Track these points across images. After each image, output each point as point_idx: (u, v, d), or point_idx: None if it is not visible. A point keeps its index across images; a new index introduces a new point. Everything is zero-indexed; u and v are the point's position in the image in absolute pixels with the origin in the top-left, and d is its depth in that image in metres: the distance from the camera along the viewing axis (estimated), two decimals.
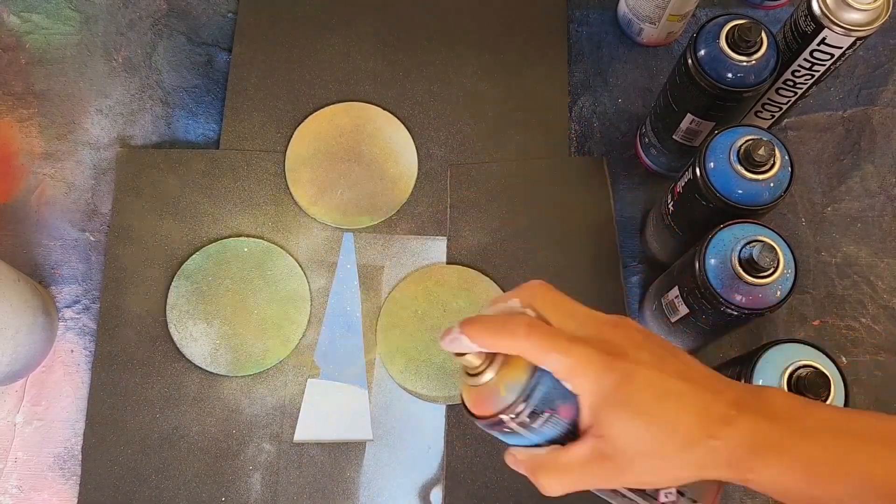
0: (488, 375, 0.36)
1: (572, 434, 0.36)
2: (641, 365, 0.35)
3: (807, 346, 0.52)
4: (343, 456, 0.63)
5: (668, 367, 0.35)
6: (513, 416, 0.35)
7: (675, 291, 0.57)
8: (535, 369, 0.35)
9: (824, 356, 0.51)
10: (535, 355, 0.35)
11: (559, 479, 0.37)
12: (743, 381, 0.51)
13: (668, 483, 0.36)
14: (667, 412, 0.34)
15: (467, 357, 0.36)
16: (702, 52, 0.57)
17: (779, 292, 0.52)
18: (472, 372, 0.37)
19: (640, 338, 0.36)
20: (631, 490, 0.38)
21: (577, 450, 0.36)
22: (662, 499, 0.37)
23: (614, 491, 0.38)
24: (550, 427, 0.36)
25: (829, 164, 0.73)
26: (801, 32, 0.61)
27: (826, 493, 0.33)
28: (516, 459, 0.39)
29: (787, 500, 0.35)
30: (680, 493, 0.37)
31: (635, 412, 0.34)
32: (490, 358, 0.36)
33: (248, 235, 0.69)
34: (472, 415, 0.37)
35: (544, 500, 0.62)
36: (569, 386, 0.35)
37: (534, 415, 0.35)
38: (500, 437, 0.38)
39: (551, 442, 0.37)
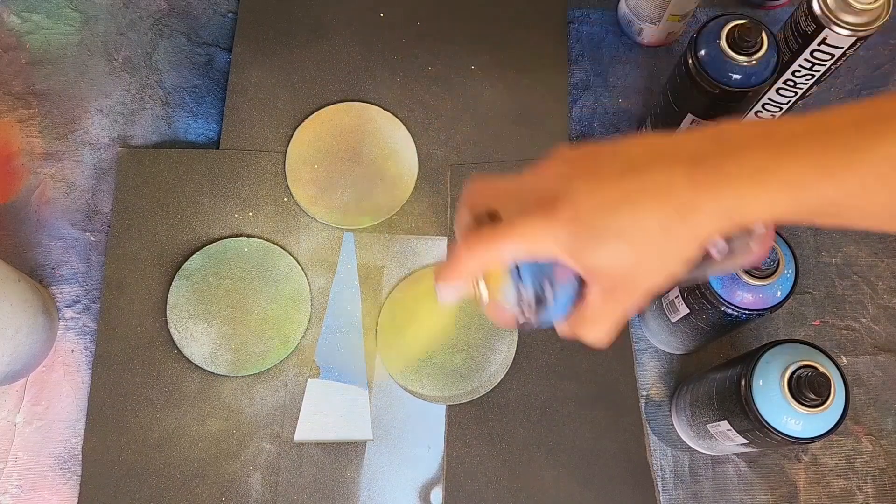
0: (485, 296, 0.39)
1: (584, 283, 0.38)
2: (580, 197, 0.34)
3: (807, 347, 0.52)
4: (343, 456, 0.63)
5: (608, 176, 0.34)
6: (525, 308, 0.38)
7: (675, 291, 0.57)
8: (510, 266, 0.38)
9: (824, 356, 0.51)
10: (492, 260, 0.37)
11: (595, 328, 0.38)
12: (742, 381, 0.51)
13: (681, 267, 0.36)
14: (628, 220, 0.34)
15: (462, 295, 0.40)
16: (702, 52, 0.57)
17: (779, 292, 0.52)
18: (478, 302, 0.40)
19: (567, 169, 0.36)
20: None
21: (591, 298, 0.37)
22: (717, 255, 0.38)
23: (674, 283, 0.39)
24: (563, 291, 0.38)
25: None
26: (802, 32, 0.61)
27: (816, 203, 0.32)
28: (563, 331, 0.41)
29: (786, 222, 0.34)
30: (727, 238, 0.38)
31: (601, 242, 0.34)
32: (476, 283, 0.40)
33: (248, 235, 0.69)
34: (511, 327, 0.41)
35: (545, 499, 0.62)
36: (540, 258, 0.37)
37: (539, 295, 0.38)
38: (545, 325, 0.40)
39: (576, 298, 0.39)
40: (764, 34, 0.57)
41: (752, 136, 0.33)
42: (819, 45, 0.59)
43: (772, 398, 0.50)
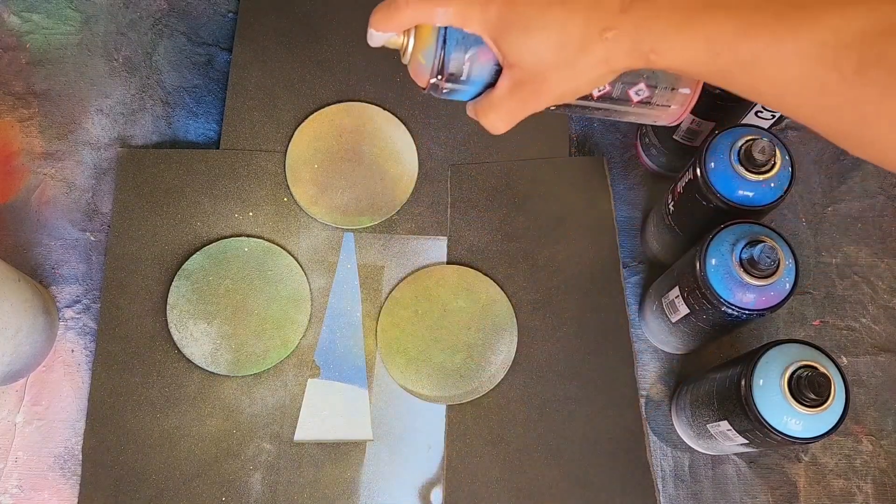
0: (409, 50, 0.41)
1: (500, 72, 0.40)
2: None
3: (807, 347, 0.52)
4: (343, 456, 0.63)
5: None
6: (439, 76, 0.40)
7: (676, 291, 0.57)
8: (438, 29, 0.39)
9: (824, 356, 0.51)
10: (424, 18, 0.38)
11: (496, 114, 0.40)
12: (742, 381, 0.51)
13: (588, 86, 0.38)
14: (554, 19, 0.35)
15: (389, 43, 0.41)
16: None
17: (779, 293, 0.52)
18: (401, 53, 0.41)
19: None
20: (597, 100, 0.41)
21: (500, 83, 0.39)
22: (634, 97, 0.40)
23: (583, 108, 0.41)
24: (478, 73, 0.40)
25: (830, 164, 0.73)
26: None
27: (730, 60, 0.33)
28: (469, 111, 0.42)
29: (696, 76, 0.36)
30: (651, 86, 0.40)
31: (524, 30, 0.36)
32: (407, 35, 0.41)
33: (248, 235, 0.69)
34: (420, 87, 0.42)
35: (544, 499, 0.62)
36: (469, 31, 0.38)
37: (456, 67, 0.40)
38: (452, 98, 0.42)
39: (488, 86, 0.41)
40: None
41: None
42: None
43: (772, 398, 0.50)
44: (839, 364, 0.51)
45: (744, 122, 0.64)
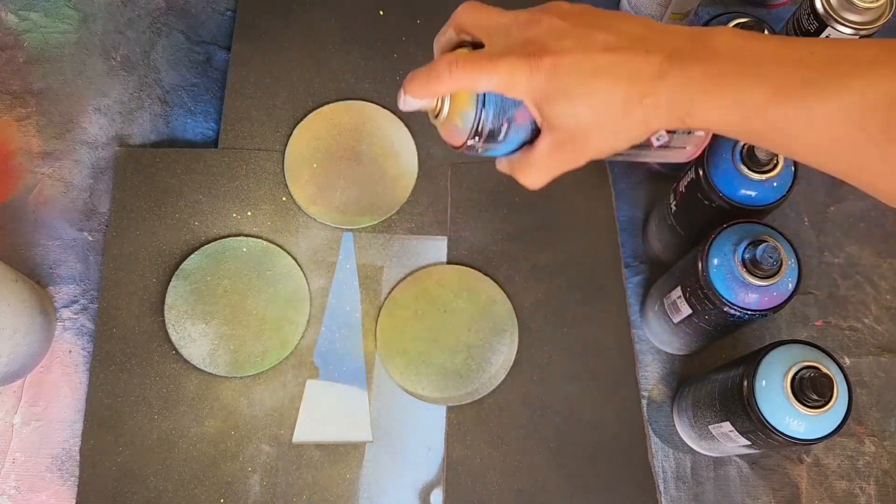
0: (444, 113, 0.41)
1: (538, 131, 0.40)
2: (564, 53, 0.37)
3: (810, 347, 0.51)
4: (342, 457, 0.63)
5: (594, 45, 0.37)
6: (476, 138, 0.40)
7: (678, 292, 0.57)
8: (477, 95, 0.39)
9: (827, 357, 0.51)
10: (467, 86, 0.39)
11: (534, 172, 0.41)
12: (745, 382, 0.51)
13: (625, 144, 0.39)
14: (598, 88, 0.37)
15: (423, 106, 0.41)
16: None
17: (782, 293, 0.52)
18: (433, 115, 0.42)
19: (562, 25, 0.38)
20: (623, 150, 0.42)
21: (540, 144, 0.40)
22: (655, 143, 0.41)
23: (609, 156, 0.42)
24: (515, 133, 0.40)
25: None
26: (804, 31, 0.60)
27: (761, 124, 0.35)
28: (501, 166, 0.44)
29: (729, 136, 0.38)
30: (669, 132, 0.41)
31: (570, 98, 0.37)
32: (442, 99, 0.41)
33: (246, 235, 0.69)
34: (453, 147, 0.42)
35: (545, 501, 0.62)
36: (510, 96, 0.39)
37: (494, 129, 0.40)
38: (486, 155, 0.43)
39: (524, 143, 0.41)
40: (766, 32, 0.57)
41: (728, 47, 0.36)
42: None
43: (774, 399, 0.49)
44: (842, 365, 0.51)
45: None
